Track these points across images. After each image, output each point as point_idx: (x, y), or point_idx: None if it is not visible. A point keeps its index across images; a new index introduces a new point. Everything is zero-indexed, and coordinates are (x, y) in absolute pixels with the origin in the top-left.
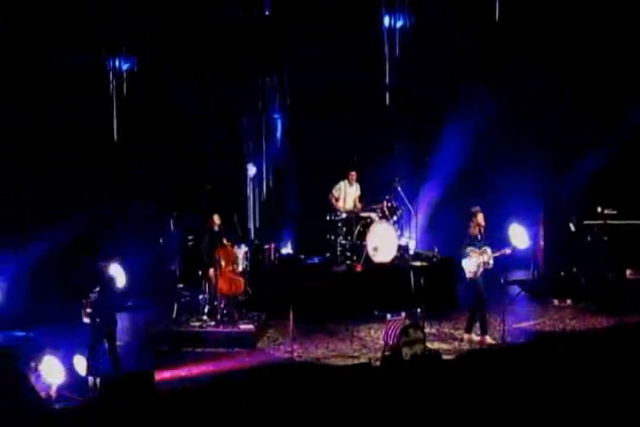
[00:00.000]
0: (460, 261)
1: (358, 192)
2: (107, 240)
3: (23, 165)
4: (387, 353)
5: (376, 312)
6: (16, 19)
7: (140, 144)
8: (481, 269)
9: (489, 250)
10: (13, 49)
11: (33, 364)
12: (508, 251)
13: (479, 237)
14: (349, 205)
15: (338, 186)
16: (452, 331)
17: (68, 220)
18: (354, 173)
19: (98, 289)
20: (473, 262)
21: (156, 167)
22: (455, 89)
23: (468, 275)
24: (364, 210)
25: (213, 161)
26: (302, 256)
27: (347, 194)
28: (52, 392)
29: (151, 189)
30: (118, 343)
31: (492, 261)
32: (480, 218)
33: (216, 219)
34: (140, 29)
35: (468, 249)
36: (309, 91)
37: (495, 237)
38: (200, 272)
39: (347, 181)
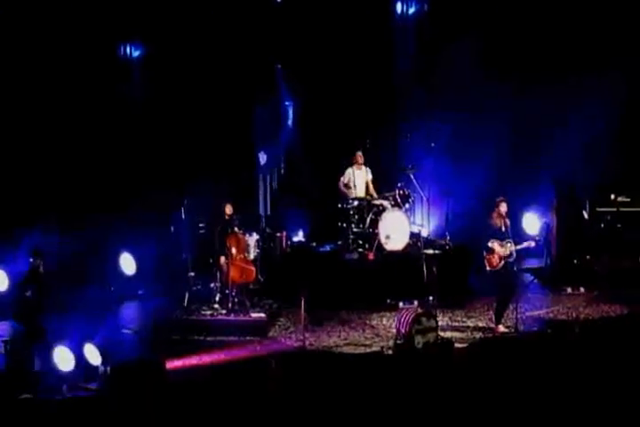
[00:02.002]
0: (480, 251)
1: (370, 175)
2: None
3: (23, 164)
4: (399, 342)
5: (388, 300)
6: (16, 18)
7: (140, 141)
8: (503, 262)
9: (512, 242)
10: (13, 49)
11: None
12: (532, 243)
13: (503, 228)
14: (361, 192)
15: (345, 173)
16: (464, 319)
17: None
18: (359, 155)
19: (30, 288)
20: (495, 254)
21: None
22: (469, 77)
23: (489, 267)
24: (376, 198)
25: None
26: (314, 244)
27: (356, 178)
28: (64, 381)
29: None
30: (128, 331)
31: (514, 254)
32: (503, 208)
33: (227, 209)
34: (141, 27)
35: (491, 241)
36: (319, 79)
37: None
38: (211, 260)
39: (354, 166)
